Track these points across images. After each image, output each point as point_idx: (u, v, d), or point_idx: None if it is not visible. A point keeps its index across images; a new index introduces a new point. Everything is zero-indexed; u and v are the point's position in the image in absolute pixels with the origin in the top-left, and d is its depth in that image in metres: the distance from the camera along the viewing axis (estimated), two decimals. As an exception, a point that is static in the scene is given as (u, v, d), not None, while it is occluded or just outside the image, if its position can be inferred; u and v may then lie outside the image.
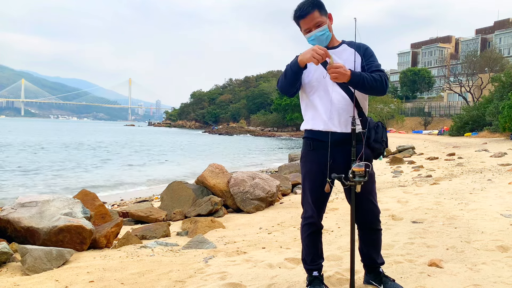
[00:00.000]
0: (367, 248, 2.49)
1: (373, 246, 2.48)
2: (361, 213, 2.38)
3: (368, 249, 2.49)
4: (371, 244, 2.48)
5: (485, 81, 40.38)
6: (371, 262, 2.51)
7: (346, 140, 2.26)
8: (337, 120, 2.27)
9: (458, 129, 30.38)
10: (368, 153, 2.31)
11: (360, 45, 2.32)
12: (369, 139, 2.32)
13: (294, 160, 12.42)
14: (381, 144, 2.36)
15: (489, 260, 2.96)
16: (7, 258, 3.36)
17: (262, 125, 75.60)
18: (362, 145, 2.26)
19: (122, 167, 16.83)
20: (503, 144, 17.22)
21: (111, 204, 8.69)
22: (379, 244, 2.51)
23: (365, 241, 2.48)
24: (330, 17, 2.31)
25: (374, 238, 2.47)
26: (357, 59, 2.26)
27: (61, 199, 4.16)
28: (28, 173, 14.16)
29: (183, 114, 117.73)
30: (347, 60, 2.27)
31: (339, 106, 2.27)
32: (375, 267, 2.51)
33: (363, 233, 2.47)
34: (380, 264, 2.51)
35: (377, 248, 2.50)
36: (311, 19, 2.22)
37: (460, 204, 5.13)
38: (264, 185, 6.16)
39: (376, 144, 2.34)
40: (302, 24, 2.27)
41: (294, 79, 2.25)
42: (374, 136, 2.34)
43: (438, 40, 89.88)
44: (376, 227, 2.45)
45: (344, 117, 2.27)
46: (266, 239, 4.12)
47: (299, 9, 2.26)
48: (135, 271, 3.12)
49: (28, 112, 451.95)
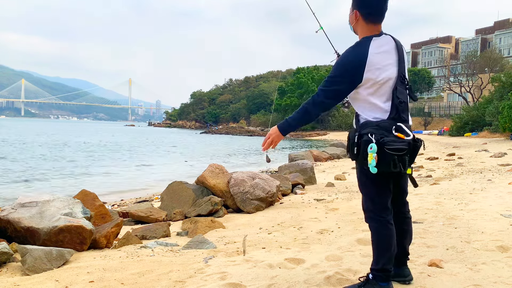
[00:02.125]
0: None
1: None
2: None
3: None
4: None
5: (485, 81, 40.38)
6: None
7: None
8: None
9: (458, 129, 30.40)
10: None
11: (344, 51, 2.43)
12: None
13: (294, 160, 12.40)
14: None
15: (489, 260, 2.96)
16: (7, 258, 3.36)
17: (262, 125, 75.57)
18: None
19: (122, 167, 16.83)
20: (503, 144, 17.23)
21: (111, 204, 8.68)
22: (373, 243, 2.47)
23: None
24: (356, 14, 2.39)
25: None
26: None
27: (61, 199, 4.16)
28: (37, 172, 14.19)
29: (183, 114, 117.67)
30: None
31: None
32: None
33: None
34: (371, 268, 2.48)
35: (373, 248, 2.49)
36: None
37: (460, 204, 5.13)
38: (264, 185, 6.17)
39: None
40: None
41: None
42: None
43: (438, 40, 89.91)
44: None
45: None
46: (266, 239, 4.12)
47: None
48: (135, 271, 3.12)
49: (28, 112, 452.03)
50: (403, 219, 2.56)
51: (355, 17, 2.39)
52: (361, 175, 2.43)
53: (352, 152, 2.35)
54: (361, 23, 2.38)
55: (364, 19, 2.36)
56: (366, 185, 2.42)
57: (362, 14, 2.36)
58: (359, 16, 2.37)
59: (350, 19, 2.45)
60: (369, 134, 2.21)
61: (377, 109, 2.32)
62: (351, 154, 2.37)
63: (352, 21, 2.43)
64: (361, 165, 2.34)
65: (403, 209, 2.58)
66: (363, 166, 2.29)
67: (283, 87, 69.78)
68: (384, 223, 2.38)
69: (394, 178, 2.41)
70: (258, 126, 76.30)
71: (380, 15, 2.36)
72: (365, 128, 2.27)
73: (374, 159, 2.15)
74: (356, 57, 2.28)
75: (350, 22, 2.46)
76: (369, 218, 2.45)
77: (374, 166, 2.16)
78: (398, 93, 2.31)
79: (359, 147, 2.26)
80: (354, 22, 2.41)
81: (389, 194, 2.41)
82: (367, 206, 2.45)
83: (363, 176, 2.41)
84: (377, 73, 2.27)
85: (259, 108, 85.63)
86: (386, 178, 2.34)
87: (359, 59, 2.26)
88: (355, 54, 2.30)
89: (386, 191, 2.39)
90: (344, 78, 2.29)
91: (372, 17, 2.35)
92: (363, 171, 2.36)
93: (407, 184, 2.57)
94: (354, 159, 2.37)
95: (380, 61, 2.29)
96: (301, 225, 4.70)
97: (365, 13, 2.35)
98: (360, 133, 2.26)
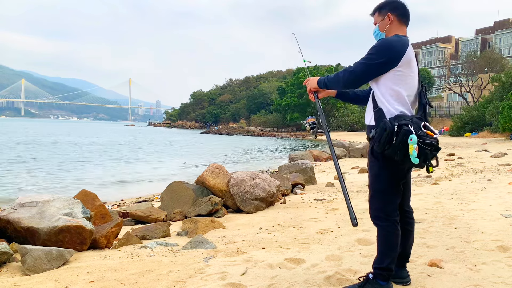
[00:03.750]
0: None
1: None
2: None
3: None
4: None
5: (485, 81, 40.38)
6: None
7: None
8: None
9: (458, 129, 30.39)
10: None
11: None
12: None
13: (294, 160, 12.40)
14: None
15: (489, 260, 2.96)
16: (7, 258, 3.36)
17: (262, 125, 75.51)
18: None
19: (121, 167, 16.82)
20: (503, 144, 17.23)
21: (111, 204, 8.68)
22: (380, 243, 2.49)
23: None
24: (389, 17, 2.46)
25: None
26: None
27: (61, 199, 4.16)
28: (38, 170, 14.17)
29: (183, 114, 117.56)
30: None
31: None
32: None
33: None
34: (374, 266, 2.49)
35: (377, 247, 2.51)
36: (374, 19, 2.58)
37: (460, 204, 5.13)
38: (264, 185, 6.16)
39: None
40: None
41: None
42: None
43: (438, 40, 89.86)
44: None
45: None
46: (266, 239, 4.12)
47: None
48: (135, 271, 3.12)
49: (28, 112, 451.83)
50: (408, 220, 2.57)
51: (388, 21, 2.47)
52: (379, 171, 2.39)
53: (384, 143, 2.24)
54: (395, 25, 2.47)
55: (399, 20, 2.47)
56: (380, 181, 2.40)
57: (396, 15, 2.46)
58: (393, 18, 2.46)
59: (381, 26, 2.50)
60: (409, 125, 2.21)
61: (404, 104, 2.37)
62: (381, 145, 2.26)
63: (385, 26, 2.49)
64: (391, 156, 2.26)
65: (408, 209, 2.60)
66: (394, 157, 2.24)
67: (283, 87, 69.75)
68: (393, 222, 2.41)
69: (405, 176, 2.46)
70: (258, 126, 76.23)
71: (409, 16, 2.50)
72: (401, 120, 2.25)
73: (415, 149, 2.16)
74: (398, 42, 2.37)
75: (381, 28, 2.50)
76: (377, 217, 2.44)
77: (416, 157, 2.16)
78: (424, 95, 2.47)
79: (397, 136, 2.21)
80: (387, 26, 2.48)
81: (401, 193, 2.45)
82: (378, 205, 2.43)
83: (382, 171, 2.38)
84: (408, 70, 2.39)
85: (259, 108, 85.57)
86: (402, 175, 2.40)
87: (401, 44, 2.36)
88: (397, 39, 2.39)
89: (399, 190, 2.43)
90: (380, 55, 2.33)
91: (405, 18, 2.49)
92: (383, 165, 2.35)
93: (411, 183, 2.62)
94: (382, 150, 2.27)
95: (412, 61, 2.41)
96: (301, 225, 4.70)
97: (399, 14, 2.46)
98: (400, 123, 2.23)
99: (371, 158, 2.44)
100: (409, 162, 2.20)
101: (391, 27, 2.47)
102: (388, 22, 2.47)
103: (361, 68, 2.38)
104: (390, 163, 2.32)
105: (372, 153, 2.41)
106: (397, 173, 2.38)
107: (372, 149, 2.41)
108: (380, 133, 2.26)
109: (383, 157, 2.32)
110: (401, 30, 2.47)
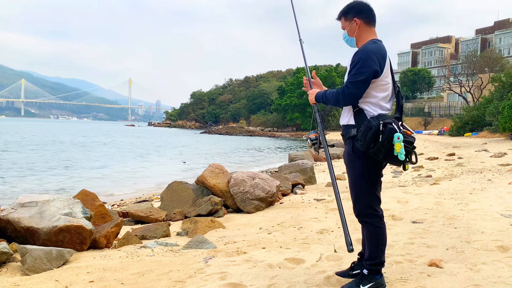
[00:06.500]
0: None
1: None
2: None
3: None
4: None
5: (485, 81, 40.37)
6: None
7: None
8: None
9: (458, 129, 30.37)
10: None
11: (355, 52, 2.45)
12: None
13: (294, 160, 12.39)
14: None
15: (489, 260, 2.96)
16: (7, 258, 3.36)
17: (262, 125, 75.51)
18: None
19: (122, 167, 16.83)
20: (503, 144, 17.22)
21: (111, 204, 8.68)
22: (371, 239, 2.54)
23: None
24: (356, 22, 2.48)
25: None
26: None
27: (61, 199, 4.16)
28: (38, 171, 14.17)
29: (183, 114, 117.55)
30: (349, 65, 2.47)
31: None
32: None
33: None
34: (368, 263, 2.55)
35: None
36: (341, 24, 2.59)
37: (460, 204, 5.13)
38: (264, 185, 6.16)
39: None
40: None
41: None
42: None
43: (438, 40, 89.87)
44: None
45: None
46: (266, 239, 4.12)
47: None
48: (135, 271, 3.12)
49: (28, 112, 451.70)
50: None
51: (356, 25, 2.49)
52: (363, 169, 2.42)
53: (370, 141, 2.28)
54: (363, 29, 2.49)
55: (366, 23, 2.49)
56: (365, 180, 2.44)
57: (362, 19, 2.48)
58: (360, 23, 2.48)
59: (350, 31, 2.52)
60: (393, 123, 2.28)
61: (382, 107, 2.43)
62: (365, 143, 2.29)
63: (353, 31, 2.51)
64: (375, 154, 2.30)
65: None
66: (378, 154, 2.29)
67: (283, 87, 69.74)
68: (380, 216, 2.49)
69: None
70: (258, 126, 76.22)
71: (375, 16, 2.52)
72: (385, 119, 2.31)
73: (402, 147, 2.24)
74: (379, 50, 2.38)
75: (350, 33, 2.53)
76: (366, 214, 2.47)
77: (403, 154, 2.25)
78: (400, 96, 2.51)
79: (383, 135, 2.26)
80: (356, 31, 2.50)
81: (381, 187, 2.54)
82: (365, 203, 2.46)
83: (366, 170, 2.41)
84: (386, 73, 2.41)
85: (259, 108, 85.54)
86: (379, 171, 2.47)
87: (381, 53, 2.38)
88: (377, 47, 2.40)
89: (379, 184, 2.51)
90: (368, 68, 2.33)
91: (371, 20, 2.50)
92: (366, 164, 2.39)
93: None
94: (366, 148, 2.30)
95: (388, 64, 2.44)
96: (301, 225, 4.70)
97: (365, 17, 2.48)
98: (384, 122, 2.28)
99: (353, 157, 2.45)
100: (390, 159, 2.29)
101: (360, 31, 2.50)
102: (356, 27, 2.50)
103: (359, 86, 2.36)
104: (372, 160, 2.38)
105: (354, 152, 2.43)
106: (377, 170, 2.46)
107: (353, 148, 2.43)
108: (365, 132, 2.31)
109: (365, 155, 2.37)
110: (371, 32, 2.50)
